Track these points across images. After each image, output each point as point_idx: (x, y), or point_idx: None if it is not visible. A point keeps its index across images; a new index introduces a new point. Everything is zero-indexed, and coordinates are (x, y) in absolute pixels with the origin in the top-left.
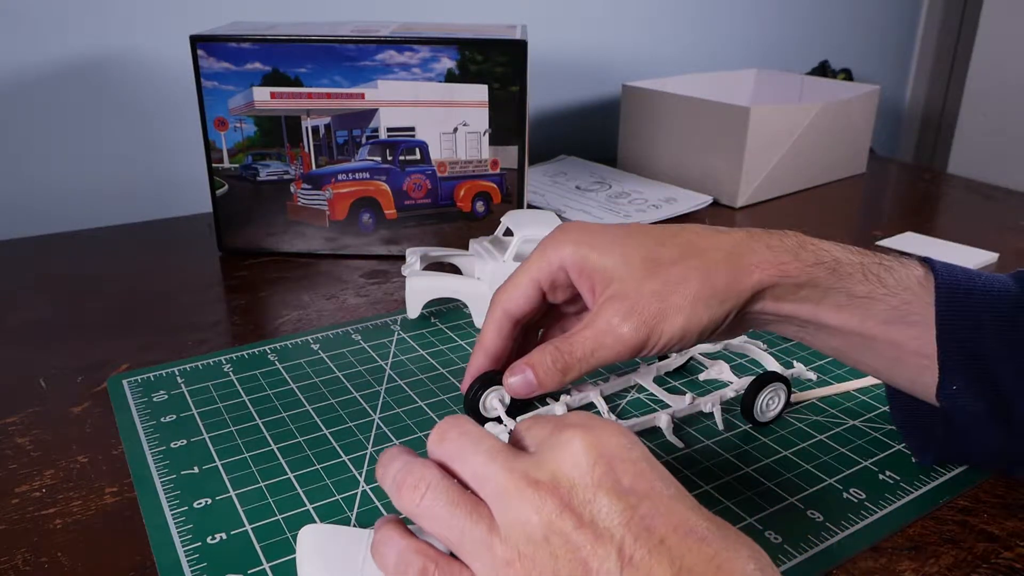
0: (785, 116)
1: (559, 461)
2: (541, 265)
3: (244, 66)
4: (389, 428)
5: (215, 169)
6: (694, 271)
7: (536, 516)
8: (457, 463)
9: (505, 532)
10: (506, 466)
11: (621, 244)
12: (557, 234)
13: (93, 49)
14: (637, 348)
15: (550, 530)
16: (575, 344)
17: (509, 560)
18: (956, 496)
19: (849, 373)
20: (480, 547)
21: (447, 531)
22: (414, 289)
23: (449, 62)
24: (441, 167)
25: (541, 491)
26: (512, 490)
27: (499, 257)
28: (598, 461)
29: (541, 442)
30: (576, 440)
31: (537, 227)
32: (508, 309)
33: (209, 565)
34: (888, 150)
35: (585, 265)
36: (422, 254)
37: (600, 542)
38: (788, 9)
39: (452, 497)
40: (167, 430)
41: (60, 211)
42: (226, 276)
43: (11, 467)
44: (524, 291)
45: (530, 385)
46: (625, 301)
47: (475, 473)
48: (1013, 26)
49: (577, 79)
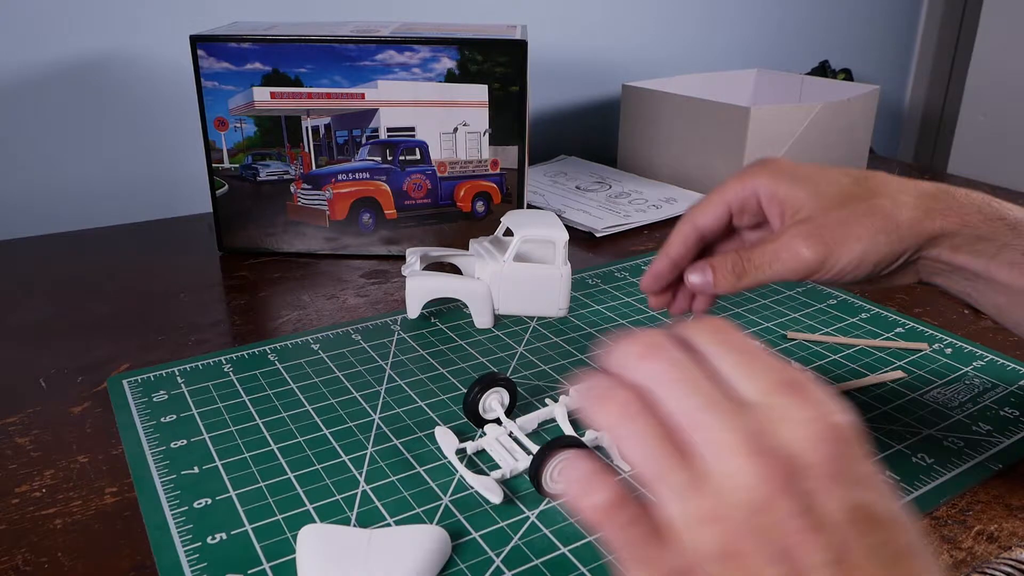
0: (785, 116)
1: (791, 435)
2: (736, 188)
3: (244, 66)
4: (389, 428)
5: (215, 169)
6: (880, 207)
7: (755, 487)
8: (663, 390)
9: (715, 488)
10: (729, 423)
11: (815, 179)
12: (756, 165)
13: (93, 49)
14: (813, 268)
15: (766, 505)
16: (755, 253)
17: (711, 518)
18: (956, 496)
19: (849, 373)
20: (682, 494)
21: (648, 463)
22: (414, 289)
23: (449, 62)
24: (441, 167)
25: (767, 463)
26: (734, 452)
27: (499, 257)
28: (834, 446)
29: (765, 395)
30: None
31: (537, 227)
32: (697, 223)
33: (209, 565)
34: (888, 150)
35: (777, 193)
36: (422, 254)
37: (816, 535)
38: (788, 9)
39: (663, 431)
40: (167, 430)
41: (60, 211)
42: (226, 276)
43: (11, 467)
44: (715, 209)
45: (707, 283)
46: (809, 224)
47: (689, 416)
48: (1013, 26)
49: (577, 79)
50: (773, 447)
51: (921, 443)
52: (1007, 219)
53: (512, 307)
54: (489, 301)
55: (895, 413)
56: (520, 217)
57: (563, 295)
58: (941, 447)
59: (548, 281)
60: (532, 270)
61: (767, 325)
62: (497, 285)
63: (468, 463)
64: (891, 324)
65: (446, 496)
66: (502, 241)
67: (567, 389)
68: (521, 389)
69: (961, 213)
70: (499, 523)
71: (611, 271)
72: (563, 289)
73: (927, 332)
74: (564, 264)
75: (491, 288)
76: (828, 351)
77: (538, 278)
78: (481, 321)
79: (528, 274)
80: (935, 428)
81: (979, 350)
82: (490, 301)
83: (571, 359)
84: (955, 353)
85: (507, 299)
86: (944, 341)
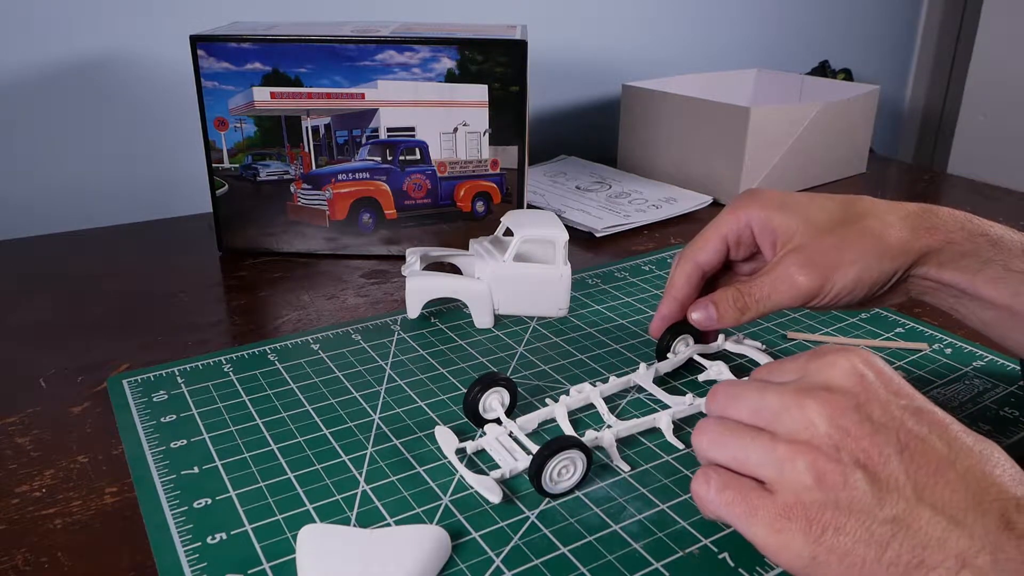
0: (785, 116)
1: (829, 375)
2: (731, 222)
3: (244, 66)
4: (389, 428)
5: (215, 169)
6: (870, 230)
7: (817, 418)
8: (732, 410)
9: (789, 435)
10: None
11: (804, 207)
12: (745, 197)
13: (93, 49)
14: (811, 295)
15: (833, 428)
16: (754, 287)
17: (795, 455)
18: None
19: None
20: (768, 450)
21: (734, 452)
22: (414, 289)
23: (449, 62)
24: (441, 167)
25: (818, 399)
26: (789, 405)
27: (499, 257)
28: (867, 370)
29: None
30: (841, 358)
31: (537, 227)
32: (698, 261)
33: (209, 565)
34: (888, 150)
35: (769, 223)
36: (422, 254)
37: (879, 435)
38: (788, 9)
39: (730, 426)
40: (167, 430)
41: (60, 211)
42: (226, 276)
43: (11, 467)
44: (713, 245)
45: (711, 319)
46: (803, 253)
47: (751, 408)
48: (1013, 26)
49: (577, 79)
50: (817, 387)
51: None
52: (989, 235)
53: (512, 307)
54: (489, 301)
55: None
56: (520, 217)
57: (563, 295)
58: None
59: (548, 281)
60: (532, 270)
61: (767, 325)
62: (497, 285)
63: (468, 463)
64: (891, 324)
65: (446, 496)
66: (502, 241)
67: (568, 389)
68: (521, 389)
69: (945, 231)
70: (499, 523)
71: (611, 271)
72: (563, 289)
73: (927, 332)
74: (564, 264)
75: (491, 288)
76: None
77: (538, 278)
78: (481, 321)
79: (528, 274)
80: None
81: (979, 350)
82: (490, 301)
83: (571, 359)
84: (955, 353)
85: (507, 299)
86: (944, 341)
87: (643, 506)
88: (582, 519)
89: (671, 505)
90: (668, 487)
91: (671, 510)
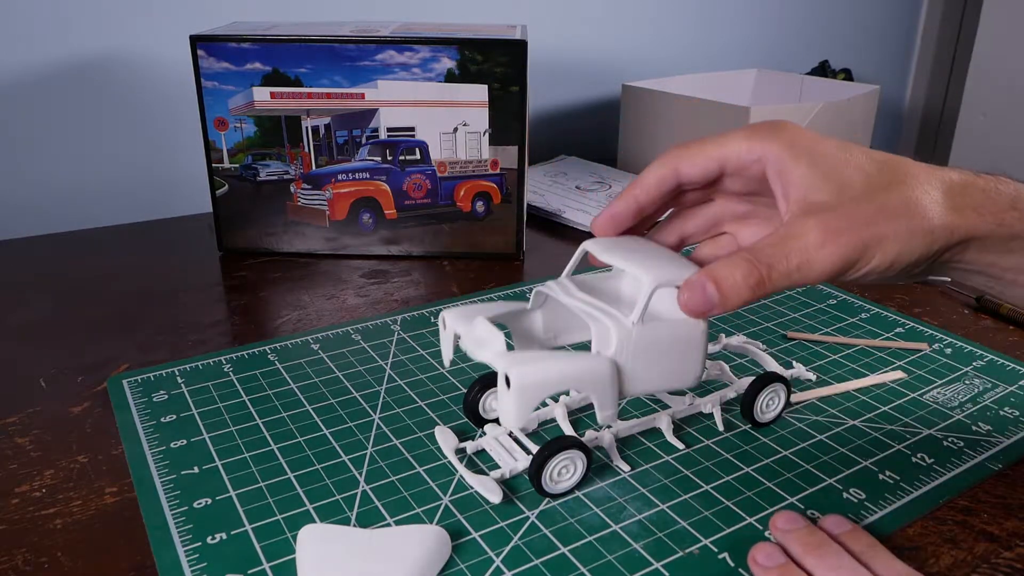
0: (785, 116)
1: None
2: (740, 149)
3: (244, 66)
4: (389, 428)
5: (215, 169)
6: (914, 203)
7: None
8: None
9: None
10: None
11: (836, 161)
12: (767, 128)
13: (93, 49)
14: (843, 268)
15: None
16: (776, 257)
17: None
18: (956, 496)
19: (849, 373)
20: None
21: None
22: (526, 388)
23: (449, 62)
24: (441, 167)
25: None
26: None
27: (617, 314)
28: None
29: None
30: None
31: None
32: (682, 170)
33: (209, 565)
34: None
35: (788, 171)
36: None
37: None
38: (788, 9)
39: None
40: (167, 430)
41: (60, 211)
42: (226, 276)
43: (11, 467)
44: (706, 162)
45: (710, 302)
46: (835, 218)
47: None
48: (1013, 26)
49: (577, 79)
50: None
51: (921, 443)
52: None
53: (643, 386)
54: (616, 384)
55: (895, 413)
56: (623, 249)
57: (702, 357)
58: (941, 447)
59: (688, 343)
60: (670, 331)
61: (767, 325)
62: (626, 357)
63: (468, 463)
64: (891, 324)
65: (446, 496)
66: (595, 286)
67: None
68: None
69: (994, 211)
70: (499, 523)
71: None
72: (703, 350)
73: (927, 332)
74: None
75: (619, 363)
76: (828, 351)
77: (677, 340)
78: (606, 416)
79: (667, 336)
80: (935, 428)
81: (979, 350)
82: (616, 383)
83: None
84: (955, 353)
85: (638, 375)
86: (944, 341)
87: (643, 506)
88: (582, 519)
89: (671, 505)
90: (668, 487)
91: (671, 510)
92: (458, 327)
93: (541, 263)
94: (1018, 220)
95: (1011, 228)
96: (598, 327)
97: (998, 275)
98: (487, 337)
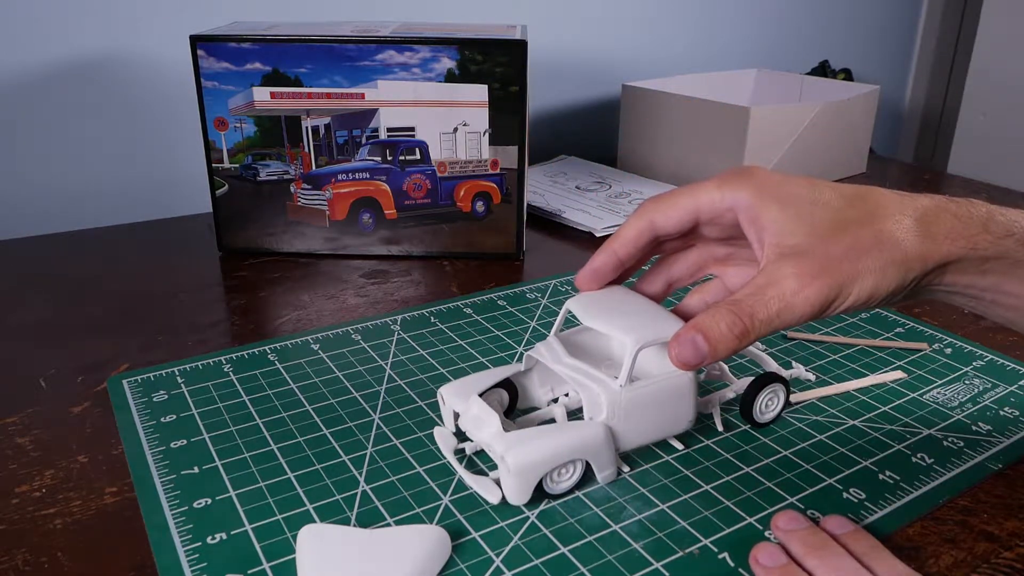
0: (785, 116)
1: None
2: (711, 198)
3: (244, 66)
4: (389, 428)
5: (215, 169)
6: (886, 235)
7: None
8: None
9: None
10: None
11: (805, 201)
12: (735, 176)
13: (93, 49)
14: (822, 309)
15: None
16: (756, 306)
17: None
18: (956, 496)
19: (849, 373)
20: None
21: None
22: (524, 469)
23: (449, 62)
24: (441, 167)
25: None
26: None
27: (604, 378)
28: None
29: None
30: None
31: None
32: (657, 223)
33: (209, 565)
34: (888, 150)
35: (759, 216)
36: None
37: None
38: (788, 9)
39: None
40: (167, 430)
41: (60, 211)
42: (226, 276)
43: (11, 467)
44: (681, 213)
45: (700, 354)
46: (810, 260)
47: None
48: (1013, 26)
49: (577, 79)
50: None
51: (921, 443)
52: (1015, 234)
53: (635, 440)
54: (611, 446)
55: (895, 413)
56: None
57: (693, 403)
58: (941, 447)
59: (677, 395)
60: (658, 387)
61: None
62: (618, 419)
63: (467, 463)
64: (891, 324)
65: (446, 496)
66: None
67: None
68: None
69: (966, 235)
70: (499, 523)
71: None
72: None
73: (927, 332)
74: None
75: (611, 426)
76: (828, 351)
77: (666, 394)
78: (606, 476)
79: (654, 393)
80: (935, 428)
81: (979, 350)
82: (612, 445)
83: None
84: (955, 353)
85: (629, 434)
86: (944, 341)
87: (643, 506)
88: (582, 519)
89: (671, 505)
90: (668, 487)
91: (671, 510)
92: (456, 405)
93: (541, 263)
94: (991, 243)
95: (984, 251)
96: (588, 394)
97: (977, 295)
98: (483, 417)
